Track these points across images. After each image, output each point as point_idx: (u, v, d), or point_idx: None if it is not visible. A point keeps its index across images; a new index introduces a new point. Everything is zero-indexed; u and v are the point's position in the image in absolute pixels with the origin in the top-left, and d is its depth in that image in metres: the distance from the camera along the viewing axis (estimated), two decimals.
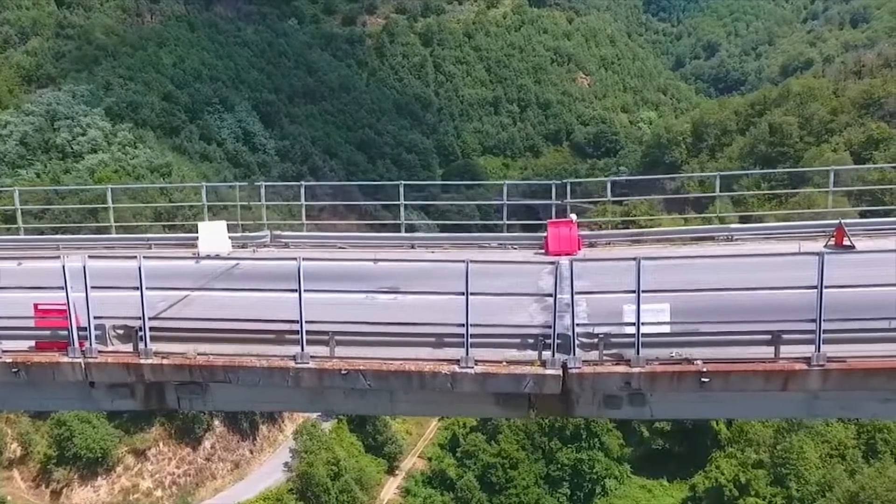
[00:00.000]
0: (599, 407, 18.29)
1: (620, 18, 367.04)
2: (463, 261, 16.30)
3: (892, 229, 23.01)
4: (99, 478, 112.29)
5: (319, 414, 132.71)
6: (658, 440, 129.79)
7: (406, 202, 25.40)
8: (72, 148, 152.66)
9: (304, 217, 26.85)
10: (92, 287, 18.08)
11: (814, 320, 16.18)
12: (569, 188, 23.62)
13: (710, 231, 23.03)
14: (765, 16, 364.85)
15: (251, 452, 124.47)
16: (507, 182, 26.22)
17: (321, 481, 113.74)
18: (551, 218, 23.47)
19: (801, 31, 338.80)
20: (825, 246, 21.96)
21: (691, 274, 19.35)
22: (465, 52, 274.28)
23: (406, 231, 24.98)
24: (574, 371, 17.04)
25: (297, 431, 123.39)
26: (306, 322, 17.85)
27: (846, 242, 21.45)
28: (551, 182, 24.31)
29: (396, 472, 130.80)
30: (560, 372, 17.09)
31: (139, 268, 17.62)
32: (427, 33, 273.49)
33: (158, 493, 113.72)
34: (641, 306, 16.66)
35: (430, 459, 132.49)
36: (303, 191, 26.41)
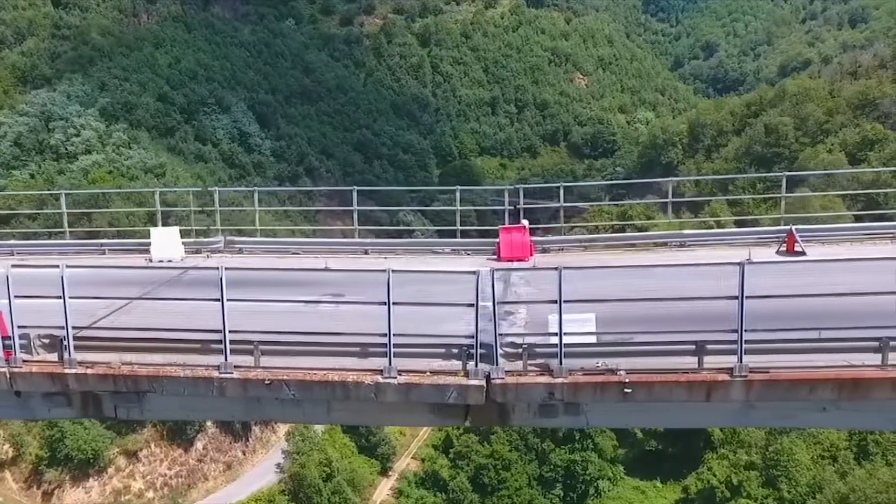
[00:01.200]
0: (535, 416, 18.23)
1: (619, 19, 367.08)
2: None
3: (846, 236, 22.89)
4: (90, 479, 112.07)
5: None
6: (651, 441, 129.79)
7: (358, 208, 25.33)
8: (66, 149, 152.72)
9: (257, 223, 26.74)
10: (18, 297, 17.84)
11: (736, 330, 16.06)
12: (521, 193, 23.48)
13: (663, 237, 22.83)
14: (763, 16, 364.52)
15: (243, 454, 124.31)
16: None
17: (313, 482, 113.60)
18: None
19: (799, 31, 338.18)
20: (777, 252, 21.87)
21: (632, 280, 19.19)
22: (463, 52, 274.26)
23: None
24: (497, 381, 16.93)
25: (290, 433, 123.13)
26: (232, 332, 17.66)
27: (797, 249, 21.31)
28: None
29: (390, 473, 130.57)
30: (483, 382, 16.97)
31: (62, 277, 17.46)
32: (425, 34, 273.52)
33: (150, 494, 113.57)
34: (568, 316, 16.47)
35: (423, 460, 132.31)
36: (256, 196, 26.28)
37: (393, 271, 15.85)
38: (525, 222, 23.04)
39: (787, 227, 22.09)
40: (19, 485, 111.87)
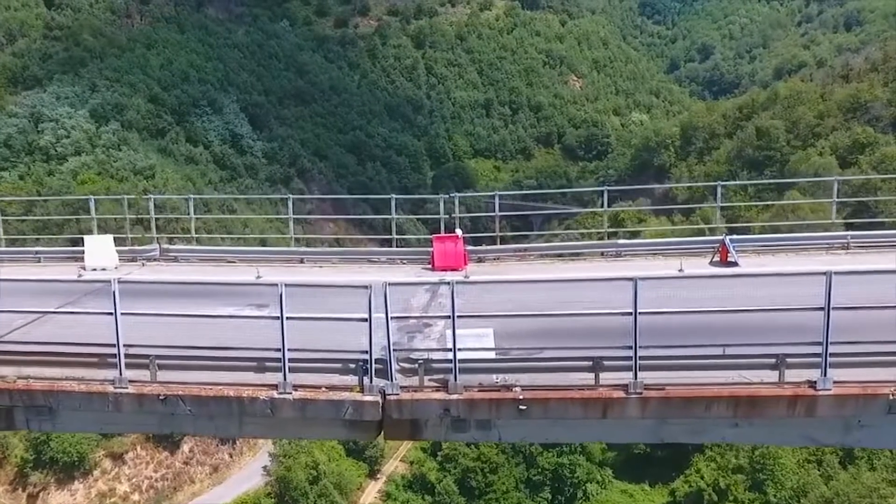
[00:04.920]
0: (448, 431, 17.96)
1: (615, 21, 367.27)
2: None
3: (782, 246, 22.62)
4: (76, 482, 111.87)
5: None
6: (640, 445, 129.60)
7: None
8: (56, 150, 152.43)
9: (193, 231, 26.62)
10: None
11: (631, 346, 15.76)
12: (457, 202, 23.31)
13: (598, 246, 22.57)
14: (759, 19, 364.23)
15: (230, 456, 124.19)
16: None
17: (299, 485, 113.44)
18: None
19: (795, 34, 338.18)
20: (710, 262, 21.64)
21: (548, 293, 19.05)
22: (457, 54, 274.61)
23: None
24: (392, 398, 16.78)
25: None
26: (126, 346, 17.42)
27: (730, 259, 21.09)
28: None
29: (377, 476, 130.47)
30: (379, 398, 16.84)
31: None
32: (419, 35, 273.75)
33: (136, 497, 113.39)
34: (464, 331, 16.35)
35: (411, 463, 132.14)
36: (191, 204, 26.15)
37: (286, 285, 15.75)
38: (459, 232, 22.89)
39: (721, 238, 21.91)
40: (4, 487, 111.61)
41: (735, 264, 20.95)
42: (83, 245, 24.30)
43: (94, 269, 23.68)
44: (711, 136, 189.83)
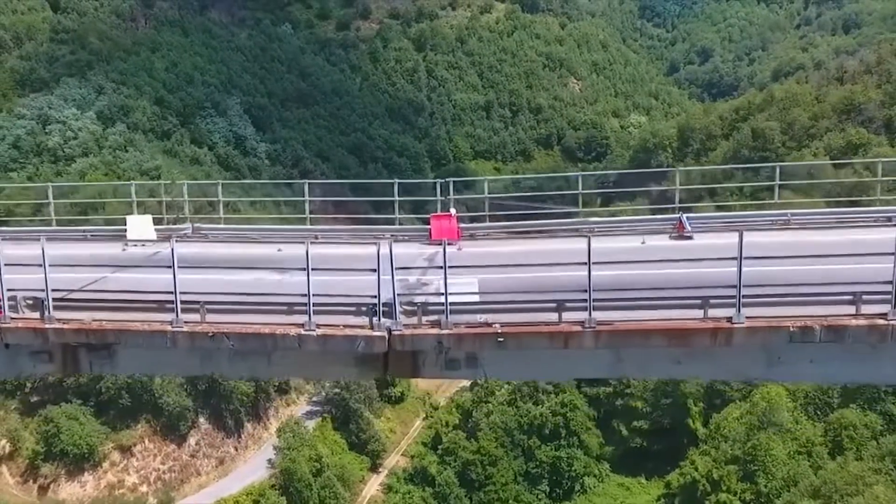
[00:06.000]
0: (442, 369, 21.63)
1: (615, 24, 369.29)
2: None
3: (733, 223, 25.86)
4: (85, 473, 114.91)
5: (304, 412, 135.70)
6: (637, 439, 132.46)
7: (307, 198, 28.27)
8: (63, 151, 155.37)
9: (221, 211, 29.73)
10: (8, 264, 21.35)
11: (585, 290, 19.22)
12: (451, 186, 26.33)
13: (574, 224, 25.54)
14: (758, 21, 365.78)
15: (236, 450, 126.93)
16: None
17: (303, 477, 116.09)
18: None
19: (793, 36, 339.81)
20: (670, 237, 24.72)
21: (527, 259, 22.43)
22: (458, 56, 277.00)
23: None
24: (396, 333, 20.18)
25: (281, 429, 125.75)
26: (182, 293, 20.90)
27: (686, 234, 24.08)
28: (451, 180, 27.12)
29: (380, 469, 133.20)
30: (385, 334, 20.18)
31: (42, 250, 20.62)
32: (420, 38, 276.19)
33: (144, 488, 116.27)
34: (455, 279, 19.99)
35: (412, 457, 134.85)
36: (219, 188, 29.22)
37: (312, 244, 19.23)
38: (453, 211, 25.98)
39: (678, 215, 25.02)
40: (16, 479, 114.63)
41: (690, 237, 23.97)
42: (125, 224, 27.55)
43: (136, 245, 26.85)
44: (708, 138, 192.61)
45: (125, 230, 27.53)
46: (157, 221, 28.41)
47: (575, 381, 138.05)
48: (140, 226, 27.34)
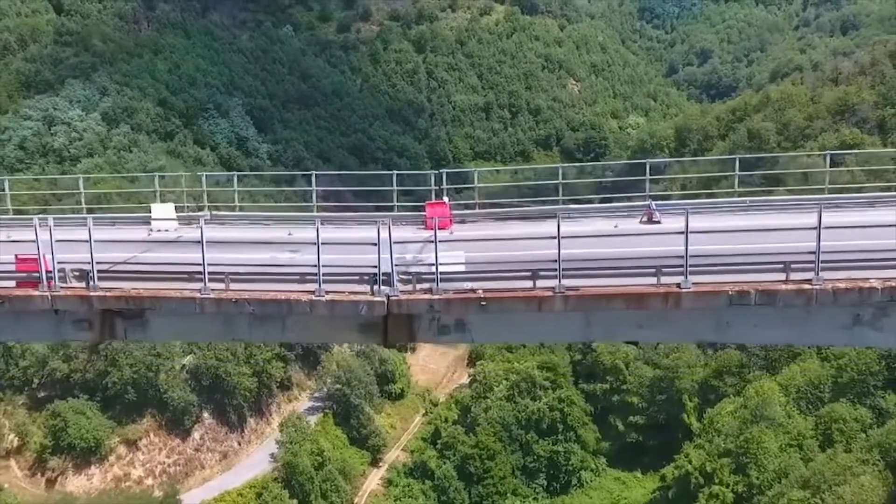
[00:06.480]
0: (435, 334, 24.64)
1: (614, 26, 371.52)
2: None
3: (700, 209, 28.56)
4: (92, 466, 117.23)
5: (306, 408, 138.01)
6: (633, 434, 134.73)
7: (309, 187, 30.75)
8: (69, 151, 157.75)
9: (236, 200, 32.53)
10: (59, 240, 24.48)
11: (555, 261, 22.12)
12: (444, 176, 28.95)
13: (555, 210, 27.93)
14: (757, 23, 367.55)
15: (239, 444, 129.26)
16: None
17: (305, 470, 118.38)
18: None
19: (792, 38, 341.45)
20: (640, 222, 27.42)
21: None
22: (458, 58, 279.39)
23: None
24: (394, 298, 23.10)
25: (283, 424, 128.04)
26: (210, 265, 23.85)
27: (655, 219, 26.62)
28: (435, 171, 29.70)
29: (380, 464, 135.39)
30: (384, 299, 23.07)
31: (89, 230, 23.80)
32: (420, 40, 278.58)
33: (149, 481, 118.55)
34: (445, 253, 23.01)
35: (412, 452, 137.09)
36: (235, 179, 32.02)
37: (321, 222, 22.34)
38: (446, 199, 28.57)
39: (647, 203, 27.65)
40: (24, 472, 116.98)
41: (658, 222, 26.53)
42: (150, 212, 30.42)
43: (160, 230, 29.65)
44: (705, 138, 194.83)
45: (150, 217, 30.43)
46: (177, 209, 31.48)
47: (572, 378, 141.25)
48: (163, 214, 30.24)
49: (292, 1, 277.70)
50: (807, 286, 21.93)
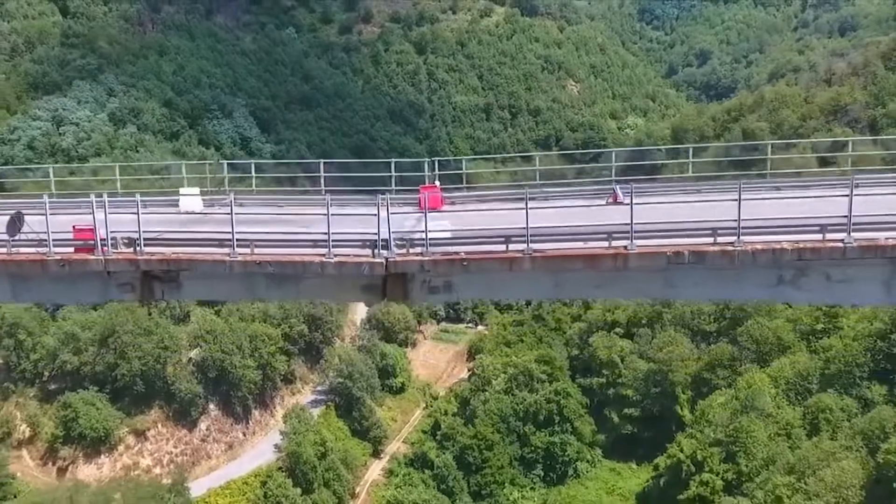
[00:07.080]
0: (427, 294, 28.44)
1: (614, 27, 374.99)
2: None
3: (657, 190, 32.55)
4: (102, 456, 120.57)
5: (309, 400, 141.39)
6: (627, 426, 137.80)
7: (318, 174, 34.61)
8: (77, 151, 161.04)
9: (253, 185, 36.36)
10: (112, 211, 28.57)
11: (524, 228, 25.95)
12: (436, 165, 32.61)
13: (531, 194, 31.51)
14: (756, 24, 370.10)
15: (244, 435, 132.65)
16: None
17: (309, 460, 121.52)
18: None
19: (790, 39, 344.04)
20: (606, 203, 31.15)
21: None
22: (458, 59, 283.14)
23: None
24: (391, 260, 26.88)
25: (287, 415, 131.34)
26: (238, 233, 27.69)
27: (620, 200, 30.22)
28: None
29: (381, 455, 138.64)
30: (384, 261, 26.85)
31: (137, 203, 27.87)
32: (421, 42, 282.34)
33: (157, 470, 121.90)
34: (434, 223, 27.26)
35: (413, 443, 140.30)
36: (253, 167, 35.76)
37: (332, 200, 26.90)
38: (437, 183, 32.15)
39: (613, 186, 31.37)
40: (36, 462, 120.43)
41: (623, 203, 29.98)
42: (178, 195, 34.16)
43: (188, 211, 33.26)
44: (701, 138, 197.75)
45: (178, 200, 34.29)
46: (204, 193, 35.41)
47: (569, 372, 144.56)
48: (191, 196, 34.17)
49: (295, 3, 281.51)
50: (730, 248, 25.84)
